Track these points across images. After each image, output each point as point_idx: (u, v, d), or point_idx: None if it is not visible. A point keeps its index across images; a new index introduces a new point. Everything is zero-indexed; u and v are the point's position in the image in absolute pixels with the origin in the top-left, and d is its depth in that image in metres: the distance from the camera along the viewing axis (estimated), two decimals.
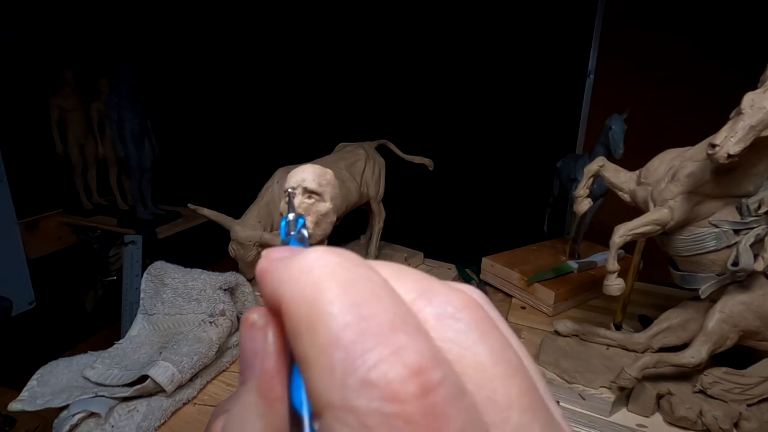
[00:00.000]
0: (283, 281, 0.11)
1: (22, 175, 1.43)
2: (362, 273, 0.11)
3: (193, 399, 0.60)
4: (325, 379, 0.10)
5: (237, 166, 1.65)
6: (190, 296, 0.67)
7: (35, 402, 0.52)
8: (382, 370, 0.09)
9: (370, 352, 0.09)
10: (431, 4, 1.25)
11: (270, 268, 0.12)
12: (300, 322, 0.10)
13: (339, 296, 0.10)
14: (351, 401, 0.09)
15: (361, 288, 0.11)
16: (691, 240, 0.54)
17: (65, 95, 1.42)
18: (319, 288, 0.11)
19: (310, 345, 0.10)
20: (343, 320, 0.10)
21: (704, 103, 0.98)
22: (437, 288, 0.12)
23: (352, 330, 0.10)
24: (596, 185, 0.81)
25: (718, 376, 0.53)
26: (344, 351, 0.10)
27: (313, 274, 0.11)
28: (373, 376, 0.09)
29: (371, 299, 0.10)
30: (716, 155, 0.44)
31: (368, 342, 0.10)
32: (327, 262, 0.11)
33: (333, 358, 0.10)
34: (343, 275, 0.11)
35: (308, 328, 0.10)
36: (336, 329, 0.10)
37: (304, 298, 0.11)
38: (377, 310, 0.10)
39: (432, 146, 1.09)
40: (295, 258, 0.12)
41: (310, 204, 0.25)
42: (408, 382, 0.09)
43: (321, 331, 0.10)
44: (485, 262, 0.92)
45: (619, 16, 1.05)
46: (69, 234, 1.57)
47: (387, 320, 0.10)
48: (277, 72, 1.53)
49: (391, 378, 0.09)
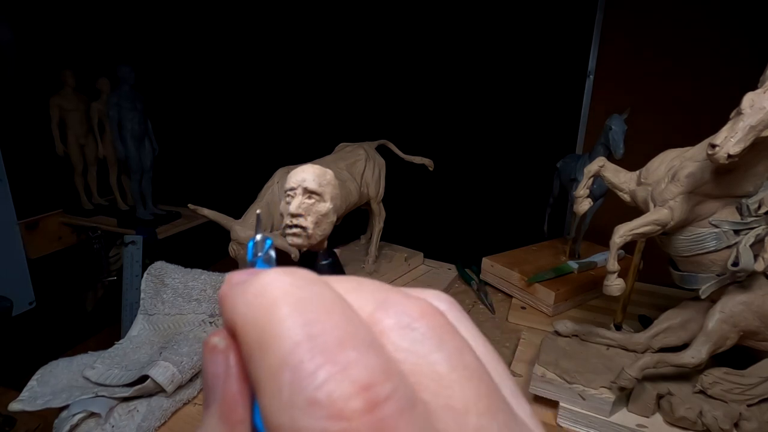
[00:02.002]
0: (237, 305, 0.11)
1: (23, 175, 1.43)
2: (315, 291, 0.11)
3: (193, 399, 0.60)
4: (275, 401, 0.09)
5: (237, 166, 1.65)
6: (191, 296, 0.67)
7: (35, 402, 0.52)
8: (328, 388, 0.09)
9: (318, 371, 0.09)
10: (431, 4, 1.25)
11: (228, 293, 0.12)
12: (252, 345, 0.10)
13: (289, 316, 0.10)
14: (297, 422, 0.09)
15: (313, 306, 0.11)
16: (691, 240, 0.54)
17: (65, 95, 1.42)
18: (270, 310, 0.11)
19: (261, 367, 0.10)
20: (292, 340, 0.10)
21: (704, 103, 0.98)
22: (394, 298, 0.12)
23: (301, 349, 0.10)
24: (596, 185, 0.81)
25: (718, 377, 0.53)
26: (292, 371, 0.09)
27: (266, 297, 0.11)
28: (319, 395, 0.09)
29: (322, 317, 0.10)
30: (716, 155, 0.44)
31: (316, 360, 0.10)
32: (280, 283, 0.11)
33: (281, 379, 0.10)
34: (295, 295, 0.11)
35: (259, 351, 0.10)
36: (285, 350, 0.10)
37: (256, 321, 0.11)
38: (327, 327, 0.10)
39: (432, 146, 1.09)
40: (250, 281, 0.12)
41: (310, 204, 0.25)
42: (354, 398, 0.09)
43: (271, 352, 0.10)
44: (485, 262, 0.92)
45: (619, 16, 1.05)
46: (69, 234, 1.57)
47: (336, 337, 0.10)
48: (277, 72, 1.53)
49: (337, 396, 0.09)
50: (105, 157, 1.49)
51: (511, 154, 1.24)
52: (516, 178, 1.25)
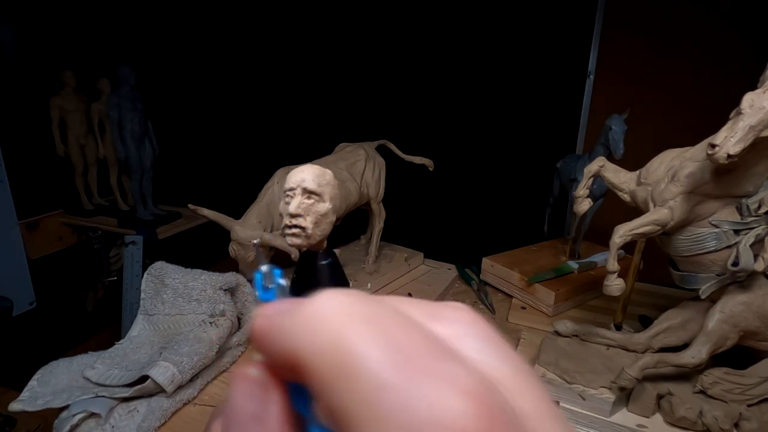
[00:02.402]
0: (295, 334, 0.10)
1: (23, 176, 1.43)
2: (378, 306, 0.10)
3: (193, 399, 0.60)
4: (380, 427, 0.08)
5: (237, 166, 1.65)
6: (191, 296, 0.67)
7: (35, 402, 0.52)
8: (445, 404, 0.08)
9: (423, 387, 0.08)
10: (431, 5, 1.25)
11: (273, 324, 0.11)
12: (328, 373, 0.09)
13: (366, 335, 0.09)
14: None
15: (384, 322, 0.10)
16: (691, 240, 0.54)
17: (66, 96, 1.42)
18: (341, 331, 0.09)
19: (349, 396, 0.09)
20: (379, 358, 0.09)
21: (704, 103, 0.98)
22: (440, 309, 0.12)
23: (394, 366, 0.09)
24: (596, 185, 0.81)
25: (718, 377, 0.53)
26: (393, 392, 0.08)
27: (330, 320, 0.10)
28: (436, 413, 0.08)
29: (399, 331, 0.10)
30: (716, 155, 0.44)
31: (416, 376, 0.09)
32: (338, 302, 0.10)
33: (382, 403, 0.08)
34: (360, 313, 0.10)
35: (341, 378, 0.09)
36: (375, 370, 0.09)
37: (327, 346, 0.09)
38: (410, 340, 0.09)
39: (432, 146, 1.09)
40: (300, 308, 0.10)
41: (309, 204, 0.25)
42: (474, 412, 0.08)
43: (358, 376, 0.09)
44: (485, 262, 0.92)
45: (619, 16, 1.05)
46: (69, 234, 1.57)
47: (424, 350, 0.09)
48: (278, 73, 1.53)
49: (456, 412, 0.08)
50: (105, 157, 1.49)
51: (511, 154, 1.24)
52: (516, 178, 1.25)
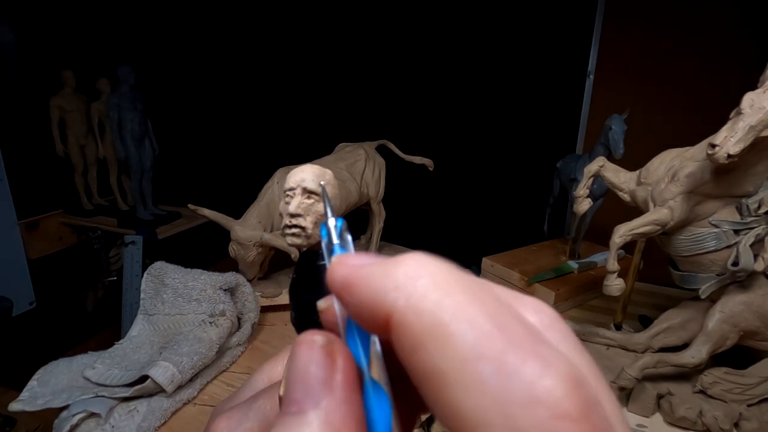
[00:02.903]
0: (387, 288, 0.10)
1: (23, 176, 1.43)
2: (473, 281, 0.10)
3: (193, 399, 0.60)
4: (477, 396, 0.08)
5: (237, 166, 1.65)
6: (191, 296, 0.67)
7: (35, 402, 0.52)
8: (546, 384, 0.08)
9: (525, 365, 0.08)
10: (431, 5, 1.25)
11: (360, 275, 0.11)
12: (424, 333, 0.09)
13: (467, 305, 0.09)
14: (517, 420, 0.08)
15: (483, 296, 0.10)
16: (691, 240, 0.54)
17: (65, 96, 1.42)
18: (440, 296, 0.09)
19: (444, 359, 0.09)
20: (481, 331, 0.09)
21: (704, 103, 0.98)
22: (523, 298, 0.12)
23: (495, 341, 0.09)
24: (596, 185, 0.81)
25: (718, 376, 0.53)
26: (495, 364, 0.09)
27: (426, 281, 0.10)
28: (538, 392, 0.08)
29: (497, 308, 0.10)
30: (716, 155, 0.44)
31: (517, 354, 0.09)
32: (434, 268, 0.10)
33: (481, 372, 0.09)
34: (458, 283, 0.10)
35: (438, 341, 0.09)
36: (476, 340, 0.09)
37: (426, 308, 0.09)
38: (508, 319, 0.09)
39: (432, 146, 1.09)
40: (391, 263, 0.11)
41: (309, 204, 0.25)
42: (575, 397, 0.08)
43: (457, 343, 0.09)
44: (485, 262, 0.92)
45: (619, 15, 1.05)
46: (69, 234, 1.57)
47: (523, 330, 0.09)
48: (277, 72, 1.53)
49: (558, 394, 0.08)
50: (105, 157, 1.49)
51: (511, 154, 1.24)
52: (516, 178, 1.25)
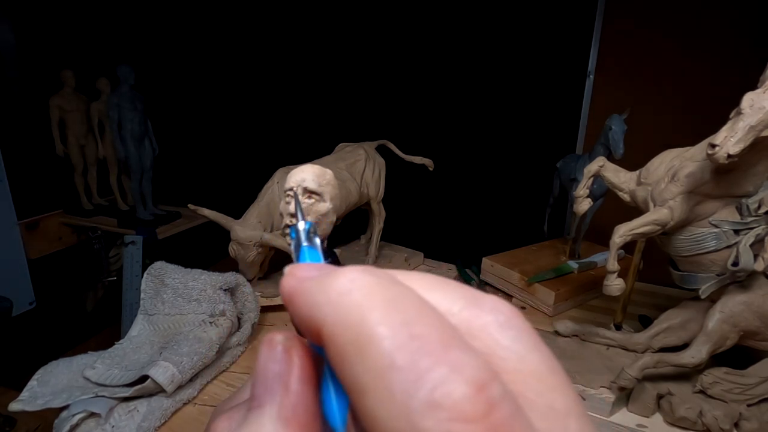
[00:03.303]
0: (321, 304, 0.11)
1: (23, 176, 1.43)
2: (401, 291, 0.11)
3: (193, 399, 0.60)
4: (386, 405, 0.09)
5: (237, 166, 1.65)
6: (191, 296, 0.67)
7: (35, 402, 0.52)
8: (447, 389, 0.09)
9: (430, 372, 0.09)
10: (431, 5, 1.25)
11: (301, 290, 0.12)
12: (346, 346, 0.10)
13: (385, 316, 0.10)
14: (417, 425, 0.09)
15: (405, 306, 0.10)
16: (691, 240, 0.54)
17: (65, 95, 1.42)
18: (362, 310, 0.10)
19: (363, 370, 0.10)
20: (395, 341, 0.10)
21: (704, 103, 0.98)
22: (481, 296, 0.12)
23: (407, 350, 0.09)
24: (596, 185, 0.81)
25: (718, 376, 0.53)
26: (402, 373, 0.09)
27: (354, 296, 0.11)
28: (437, 396, 0.09)
29: (417, 317, 0.10)
30: (716, 155, 0.44)
31: (425, 361, 0.09)
32: (365, 282, 0.11)
33: (391, 381, 0.09)
34: (383, 294, 0.11)
35: (357, 353, 0.10)
36: (389, 351, 0.10)
37: (349, 322, 0.10)
38: (426, 327, 0.10)
39: (432, 146, 1.09)
40: (328, 279, 0.11)
41: (309, 204, 0.25)
42: (474, 399, 0.09)
43: (373, 354, 0.10)
44: (485, 262, 0.92)
45: (619, 15, 1.05)
46: (69, 234, 1.57)
47: (438, 337, 0.10)
48: (277, 72, 1.53)
49: (458, 397, 0.09)
50: (105, 157, 1.49)
51: (511, 154, 1.24)
52: (516, 178, 1.25)
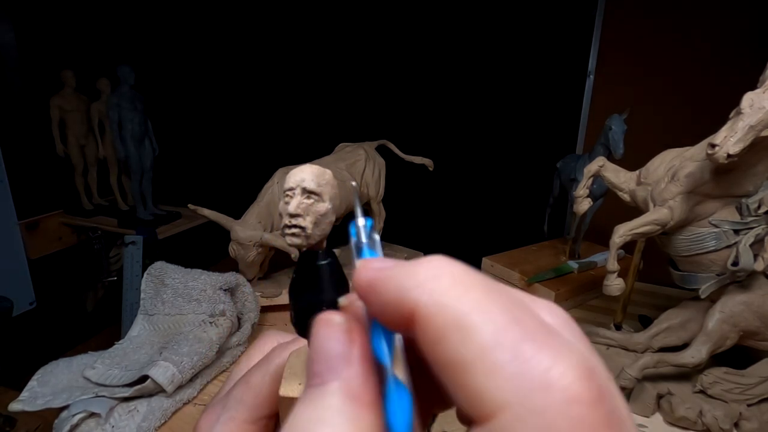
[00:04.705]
0: (410, 288, 0.11)
1: (23, 176, 1.43)
2: (489, 280, 0.11)
3: (193, 399, 0.60)
4: (496, 379, 0.09)
5: (237, 166, 1.65)
6: (191, 296, 0.67)
7: (35, 402, 0.52)
8: (561, 370, 0.09)
9: (540, 353, 0.09)
10: (431, 5, 1.25)
11: (383, 276, 0.12)
12: (446, 325, 0.10)
13: (484, 300, 0.10)
14: (533, 401, 0.09)
15: (498, 293, 0.11)
16: (691, 240, 0.54)
17: (66, 96, 1.42)
18: (460, 292, 0.10)
19: (466, 347, 0.10)
20: (499, 322, 0.10)
21: (704, 103, 0.98)
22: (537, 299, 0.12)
23: (512, 331, 0.10)
24: (596, 185, 0.81)
25: (718, 376, 0.53)
26: (512, 351, 0.09)
27: (447, 280, 0.11)
28: (553, 376, 0.09)
29: (512, 303, 0.10)
30: (716, 155, 0.44)
31: (531, 343, 0.09)
32: (453, 269, 0.11)
33: (499, 358, 0.09)
34: (476, 281, 0.11)
35: (461, 332, 0.10)
36: (495, 330, 0.10)
37: (447, 302, 0.10)
38: (523, 313, 0.10)
39: (432, 146, 1.09)
40: (413, 266, 0.12)
41: (308, 204, 0.25)
42: (588, 384, 0.09)
43: (478, 332, 0.10)
44: (485, 262, 0.92)
45: (619, 16, 1.05)
46: (69, 234, 1.57)
47: (537, 323, 0.10)
48: (277, 72, 1.53)
49: (570, 379, 0.09)
50: (105, 157, 1.49)
51: (511, 154, 1.24)
52: (516, 178, 1.25)
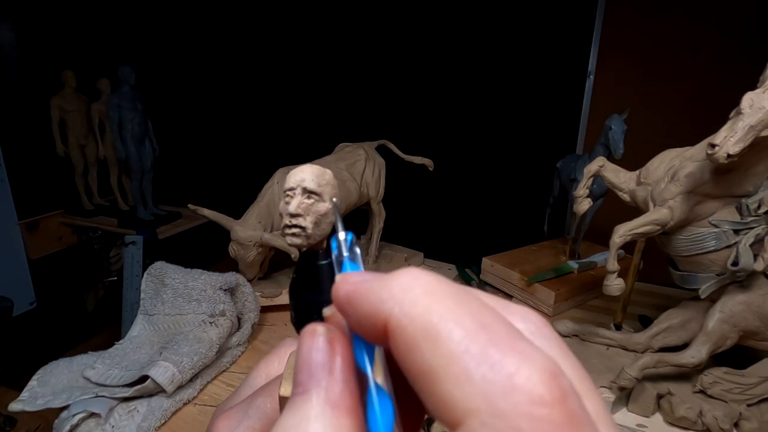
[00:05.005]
0: (384, 300, 0.11)
1: (23, 176, 1.43)
2: (460, 288, 0.11)
3: (193, 399, 0.60)
4: (463, 387, 0.10)
5: (237, 166, 1.65)
6: (191, 296, 0.67)
7: (35, 402, 0.53)
8: (524, 374, 0.09)
9: (505, 358, 0.10)
10: (431, 5, 1.25)
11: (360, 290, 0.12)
12: (416, 335, 0.11)
13: (453, 308, 0.11)
14: (498, 405, 0.09)
15: (468, 300, 0.11)
16: (691, 240, 0.54)
17: (66, 96, 1.42)
18: (430, 302, 0.11)
19: (435, 356, 0.10)
20: (466, 330, 0.10)
21: (704, 103, 0.98)
22: (512, 306, 0.13)
23: (479, 338, 0.10)
24: (596, 185, 0.81)
25: (718, 376, 0.53)
26: (478, 358, 0.10)
27: (418, 291, 0.11)
28: (516, 380, 0.09)
29: (481, 310, 0.11)
30: (716, 155, 0.44)
31: (497, 349, 0.10)
32: (426, 279, 0.12)
33: (466, 365, 0.10)
34: (446, 290, 0.11)
35: (429, 340, 0.10)
36: (462, 338, 0.10)
37: (417, 313, 0.11)
38: (491, 320, 0.10)
39: (432, 146, 1.09)
40: (389, 278, 0.12)
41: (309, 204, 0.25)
42: (550, 386, 0.09)
43: (445, 341, 0.10)
44: (485, 262, 0.92)
45: (619, 16, 1.05)
46: (70, 234, 1.57)
47: (505, 329, 0.10)
48: (277, 73, 1.53)
49: (535, 382, 0.09)
50: (105, 157, 1.49)
51: (511, 154, 1.24)
52: (516, 178, 1.25)
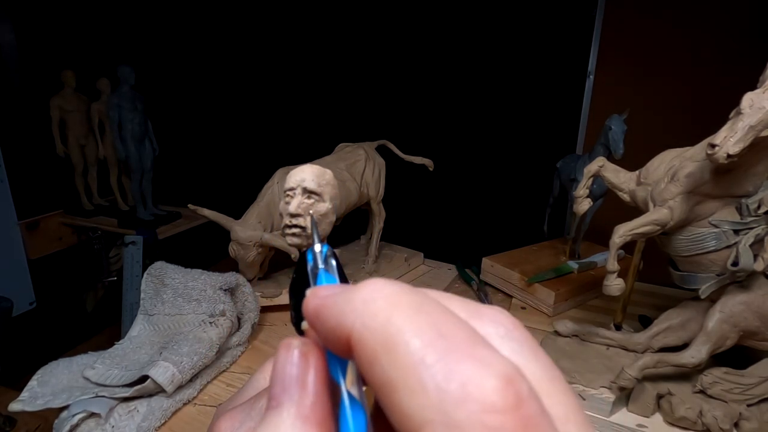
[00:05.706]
0: (347, 313, 0.11)
1: (23, 176, 1.43)
2: (423, 296, 0.11)
3: (193, 399, 0.60)
4: (419, 398, 0.10)
5: (237, 166, 1.65)
6: (191, 296, 0.67)
7: (35, 402, 0.52)
8: (478, 382, 0.09)
9: (460, 366, 0.10)
10: (431, 5, 1.25)
11: (326, 304, 0.12)
12: (376, 347, 0.11)
13: (412, 318, 0.11)
14: (451, 416, 0.09)
15: (429, 309, 0.11)
16: (691, 240, 0.54)
17: (66, 96, 1.42)
18: (389, 314, 0.11)
19: (393, 368, 0.10)
20: (423, 339, 0.10)
21: (704, 103, 0.98)
22: (482, 309, 0.13)
23: (436, 347, 0.10)
24: (596, 185, 0.81)
25: (718, 376, 0.53)
26: (433, 368, 0.10)
27: (379, 303, 0.11)
28: (469, 389, 0.09)
29: (442, 318, 0.11)
30: (716, 155, 0.44)
31: (454, 357, 0.10)
32: (387, 290, 0.11)
33: (422, 376, 0.10)
34: (407, 300, 0.11)
35: (387, 352, 0.10)
36: (419, 348, 0.10)
37: (377, 325, 0.11)
38: (451, 327, 0.10)
39: (432, 146, 1.09)
40: (352, 291, 0.12)
41: (309, 204, 0.25)
42: (504, 392, 0.09)
43: (403, 352, 0.10)
44: (485, 262, 0.92)
45: (619, 16, 1.05)
46: (69, 234, 1.57)
47: (464, 336, 0.10)
48: (277, 73, 1.53)
49: (488, 389, 0.09)
50: (105, 157, 1.49)
51: (511, 154, 1.24)
52: (516, 178, 1.25)
